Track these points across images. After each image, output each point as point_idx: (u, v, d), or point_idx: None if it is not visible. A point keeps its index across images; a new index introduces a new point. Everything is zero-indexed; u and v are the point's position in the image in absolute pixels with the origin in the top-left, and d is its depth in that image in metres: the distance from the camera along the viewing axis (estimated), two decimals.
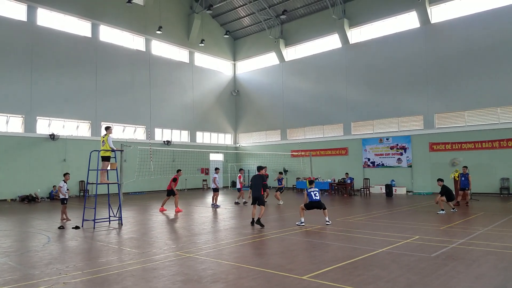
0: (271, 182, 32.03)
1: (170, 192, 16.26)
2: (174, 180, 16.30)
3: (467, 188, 16.91)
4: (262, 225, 11.26)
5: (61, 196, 13.21)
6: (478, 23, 22.41)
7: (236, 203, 18.52)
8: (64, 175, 13.48)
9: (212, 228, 11.37)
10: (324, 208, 11.73)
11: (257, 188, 11.71)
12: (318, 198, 11.88)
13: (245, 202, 18.27)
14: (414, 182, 24.30)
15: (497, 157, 21.39)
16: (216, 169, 18.36)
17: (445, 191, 14.54)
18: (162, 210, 15.88)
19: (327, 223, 11.66)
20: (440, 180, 15.04)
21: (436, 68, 23.85)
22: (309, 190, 12.07)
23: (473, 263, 6.94)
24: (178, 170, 17.15)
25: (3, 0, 22.39)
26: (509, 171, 21.02)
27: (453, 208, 14.68)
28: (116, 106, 26.91)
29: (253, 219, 11.64)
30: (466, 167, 17.43)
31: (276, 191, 18.72)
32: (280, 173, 20.18)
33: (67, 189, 13.47)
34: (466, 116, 22.86)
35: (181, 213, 15.24)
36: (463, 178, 17.09)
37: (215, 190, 17.49)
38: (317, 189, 12.15)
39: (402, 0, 25.31)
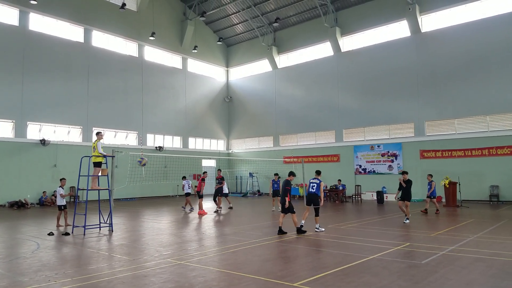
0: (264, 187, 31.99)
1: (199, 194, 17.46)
2: (203, 180, 17.73)
3: (433, 196, 16.85)
4: (283, 232, 11.10)
5: (61, 202, 13.12)
6: (468, 32, 22.79)
7: (186, 209, 18.94)
8: (61, 180, 13.51)
9: (204, 235, 11.32)
10: (317, 215, 11.81)
11: (283, 194, 11.45)
12: (313, 190, 11.91)
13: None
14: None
15: (487, 165, 21.64)
16: (184, 177, 19.82)
17: (403, 185, 13.67)
18: (201, 213, 16.69)
19: (316, 229, 11.69)
20: (405, 172, 14.15)
21: (426, 76, 24.15)
22: (310, 180, 12.33)
23: (463, 270, 7.01)
24: (204, 172, 18.13)
25: None
26: (498, 178, 21.27)
27: (407, 219, 13.45)
28: (108, 111, 26.78)
29: (280, 227, 11.27)
30: (431, 175, 17.61)
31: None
32: (275, 174, 18.43)
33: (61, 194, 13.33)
34: (456, 124, 23.14)
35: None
36: (428, 186, 17.01)
37: (188, 195, 19.03)
38: (317, 182, 12.03)
39: (393, 9, 25.68)
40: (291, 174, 11.99)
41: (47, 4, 24.03)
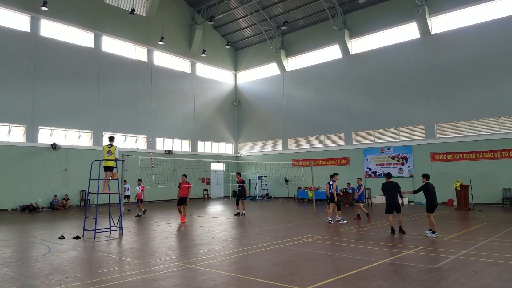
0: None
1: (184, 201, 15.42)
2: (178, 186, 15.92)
3: (361, 201, 16.29)
4: (403, 232, 11.59)
5: None
6: (478, 33, 22.56)
7: (138, 216, 17.77)
8: None
9: (213, 239, 11.32)
10: (338, 209, 14.67)
11: (392, 196, 11.70)
12: (331, 191, 14.56)
13: (144, 211, 18.22)
14: None
15: (499, 167, 21.33)
16: (125, 181, 18.29)
17: (425, 190, 11.35)
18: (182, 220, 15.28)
19: (338, 221, 14.26)
20: (424, 176, 11.64)
21: (436, 78, 23.95)
22: (329, 183, 14.82)
23: (476, 274, 6.90)
24: (183, 175, 16.25)
25: (7, 11, 22.62)
26: (511, 181, 20.93)
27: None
28: (118, 116, 27.01)
29: (392, 228, 11.73)
30: (360, 178, 17.21)
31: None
32: (334, 174, 15.78)
33: None
34: (467, 126, 22.87)
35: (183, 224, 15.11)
36: (357, 190, 16.31)
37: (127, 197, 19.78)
38: (331, 183, 14.74)
39: (402, 11, 25.54)
40: (391, 175, 12.63)
41: (58, 10, 24.37)
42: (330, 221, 14.60)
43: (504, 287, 6.15)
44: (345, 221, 14.50)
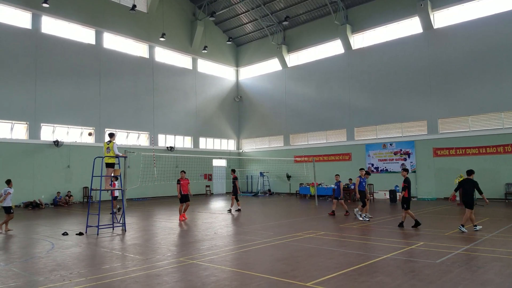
0: (277, 187, 32.02)
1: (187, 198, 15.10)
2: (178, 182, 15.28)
3: (339, 198, 15.93)
4: (402, 226, 12.05)
5: (8, 204, 12.41)
6: (481, 28, 22.42)
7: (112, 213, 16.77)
8: (8, 182, 12.78)
9: (215, 234, 11.35)
10: (363, 206, 14.20)
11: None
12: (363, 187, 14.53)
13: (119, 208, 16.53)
14: (418, 187, 24.17)
15: (502, 162, 21.27)
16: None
17: (461, 185, 11.78)
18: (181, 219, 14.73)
19: (366, 219, 13.90)
20: (467, 172, 11.87)
21: (439, 73, 23.84)
22: (362, 178, 14.60)
23: (479, 269, 6.90)
24: (182, 171, 15.94)
25: (8, 8, 22.63)
26: None
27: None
28: (120, 112, 27.03)
29: (416, 220, 12.04)
30: (338, 175, 16.56)
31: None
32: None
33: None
34: (470, 121, 22.79)
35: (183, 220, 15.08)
36: (335, 187, 15.81)
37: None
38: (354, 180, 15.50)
39: (404, 6, 25.40)
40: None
41: (59, 7, 24.35)
42: (367, 218, 14.23)
43: (506, 282, 6.15)
44: (360, 218, 14.07)
